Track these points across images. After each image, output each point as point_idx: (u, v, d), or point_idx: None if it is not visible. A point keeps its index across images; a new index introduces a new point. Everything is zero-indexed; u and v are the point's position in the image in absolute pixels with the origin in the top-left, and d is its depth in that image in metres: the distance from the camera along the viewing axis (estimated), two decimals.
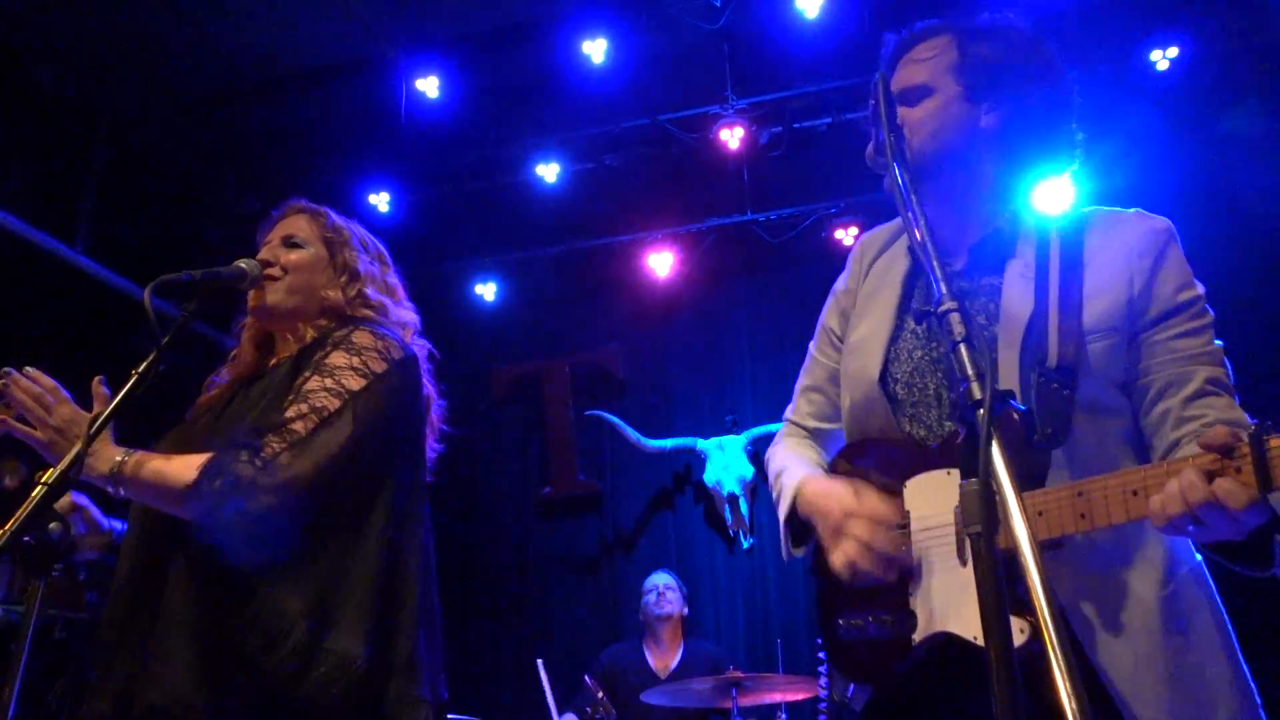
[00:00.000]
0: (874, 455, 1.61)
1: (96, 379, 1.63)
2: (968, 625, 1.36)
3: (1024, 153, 1.58)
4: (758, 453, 5.42)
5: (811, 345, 1.86)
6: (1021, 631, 1.23)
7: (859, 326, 1.70)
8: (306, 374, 1.70)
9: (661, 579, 4.90)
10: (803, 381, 1.86)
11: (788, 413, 1.89)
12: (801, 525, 1.66)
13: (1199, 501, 1.14)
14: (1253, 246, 4.73)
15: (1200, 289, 1.48)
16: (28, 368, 1.63)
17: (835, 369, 1.76)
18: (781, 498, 1.69)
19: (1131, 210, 1.58)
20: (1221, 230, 4.67)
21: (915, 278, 1.66)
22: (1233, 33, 4.86)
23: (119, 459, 1.58)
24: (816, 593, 1.67)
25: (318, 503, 1.58)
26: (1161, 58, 4.83)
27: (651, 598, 4.82)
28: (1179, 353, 1.43)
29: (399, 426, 1.75)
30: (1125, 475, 1.24)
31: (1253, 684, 1.39)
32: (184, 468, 1.57)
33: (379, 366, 1.71)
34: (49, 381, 1.62)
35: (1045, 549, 1.33)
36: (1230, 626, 1.41)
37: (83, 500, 1.85)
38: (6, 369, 1.62)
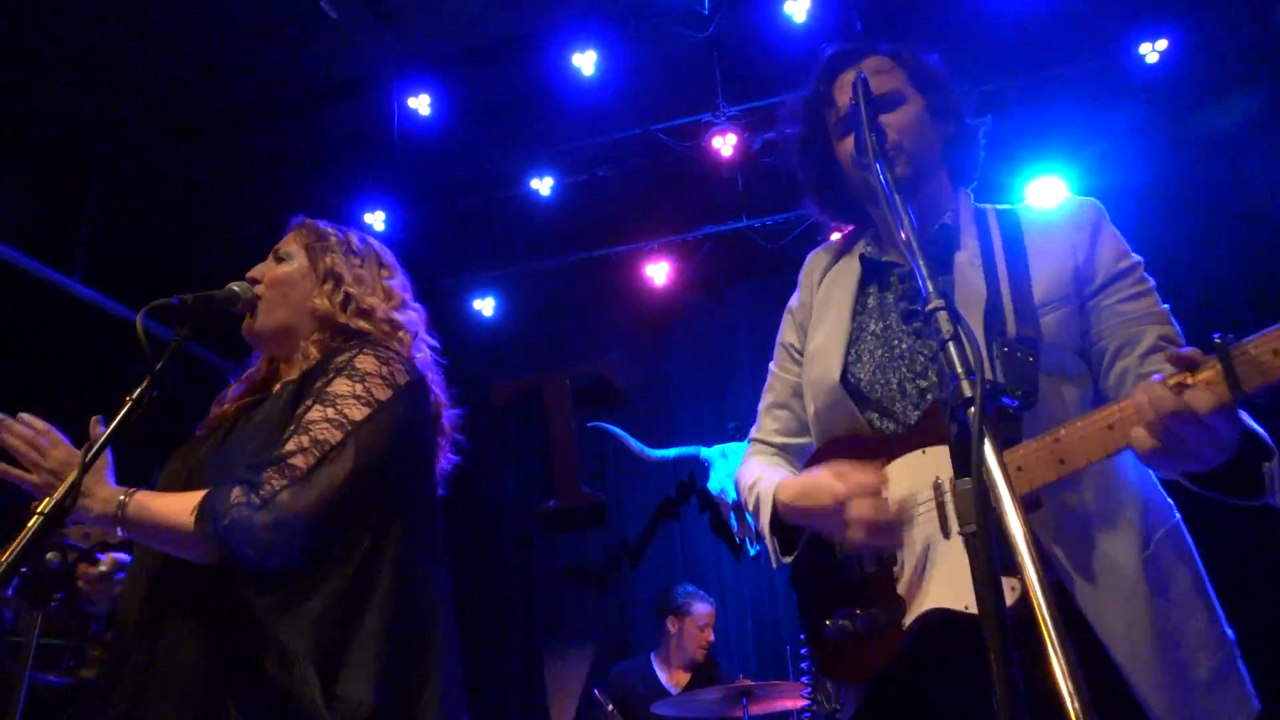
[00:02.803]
0: (846, 452, 1.61)
1: (94, 419, 1.60)
2: (957, 596, 1.37)
3: (965, 159, 1.75)
4: None
5: (771, 364, 1.90)
6: (1013, 590, 1.25)
7: (815, 336, 1.75)
8: (308, 402, 1.64)
9: (707, 609, 4.73)
10: (765, 400, 1.90)
11: (752, 433, 1.92)
12: (787, 530, 1.67)
13: (1170, 410, 1.17)
14: (1245, 237, 4.72)
15: (1137, 257, 1.57)
16: (21, 413, 1.61)
17: (797, 383, 1.80)
18: (760, 507, 1.70)
19: (1062, 197, 1.71)
20: (1212, 222, 4.68)
21: (867, 284, 1.73)
22: (1222, 24, 4.87)
23: (120, 499, 1.55)
24: (800, 601, 1.68)
25: (322, 538, 1.53)
26: (1150, 50, 4.82)
27: (707, 632, 4.67)
28: (1127, 315, 1.51)
29: (407, 454, 1.69)
30: (1100, 411, 1.28)
31: (1231, 635, 1.41)
32: (184, 508, 1.52)
33: (383, 394, 1.65)
34: (42, 425, 1.60)
35: (1025, 510, 1.34)
36: (1209, 584, 1.45)
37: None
38: None
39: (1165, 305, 1.54)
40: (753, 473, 1.79)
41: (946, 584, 1.39)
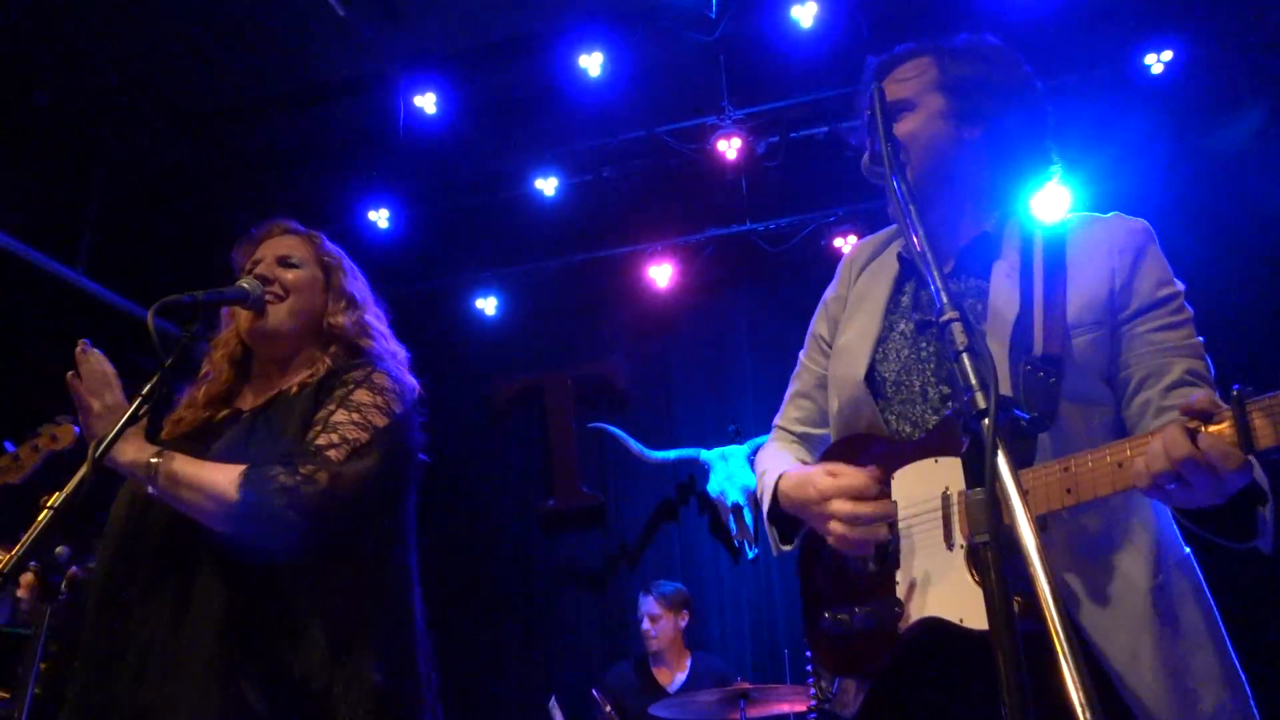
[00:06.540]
0: (861, 451, 1.63)
1: (80, 342, 1.67)
2: (952, 607, 1.38)
3: (1005, 162, 1.65)
4: None
5: (801, 353, 1.91)
6: (1018, 603, 1.25)
7: (847, 330, 1.75)
8: (331, 407, 1.75)
9: (646, 608, 4.68)
10: (792, 388, 1.91)
11: (776, 419, 1.93)
12: (789, 520, 1.70)
13: (1181, 457, 1.16)
14: (1250, 247, 4.73)
15: (1179, 286, 1.53)
16: (97, 350, 1.70)
17: (824, 375, 1.81)
18: (764, 496, 1.74)
19: (1111, 214, 1.63)
20: (1217, 233, 4.68)
21: (903, 281, 1.72)
22: (1228, 35, 4.88)
23: (151, 459, 1.62)
24: (801, 591, 1.70)
25: (350, 522, 1.66)
26: (1156, 61, 4.83)
27: (645, 623, 4.67)
28: (1158, 345, 1.48)
29: (410, 464, 1.87)
30: (1111, 447, 1.27)
31: (1241, 673, 1.40)
32: (223, 474, 1.60)
33: (398, 408, 1.81)
34: (111, 370, 1.69)
35: None
36: (1218, 616, 1.43)
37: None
38: (84, 340, 1.69)
39: (1200, 338, 1.50)
40: (765, 460, 1.81)
41: (944, 595, 1.40)
